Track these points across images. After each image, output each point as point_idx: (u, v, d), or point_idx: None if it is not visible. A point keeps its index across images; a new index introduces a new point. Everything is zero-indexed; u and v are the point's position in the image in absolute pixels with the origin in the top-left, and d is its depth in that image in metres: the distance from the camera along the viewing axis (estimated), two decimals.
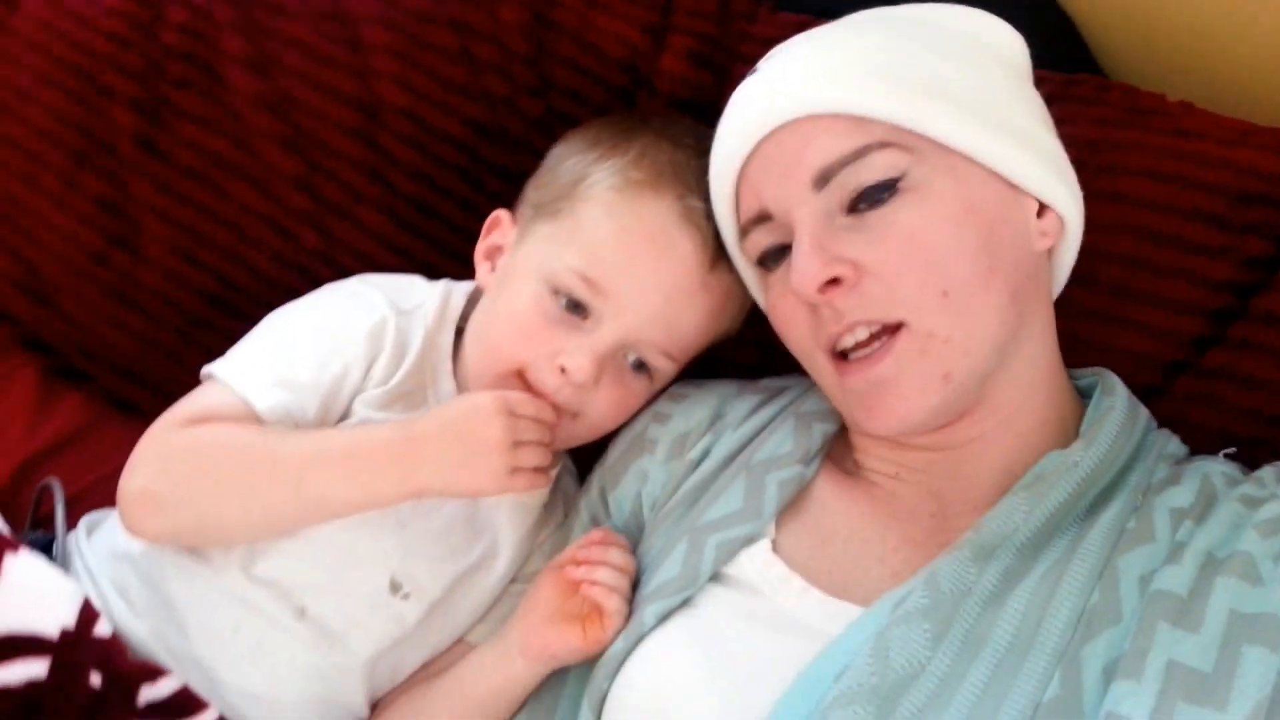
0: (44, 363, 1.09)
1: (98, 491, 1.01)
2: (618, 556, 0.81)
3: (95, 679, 0.76)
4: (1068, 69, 0.97)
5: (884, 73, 0.74)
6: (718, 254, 0.85)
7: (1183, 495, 0.71)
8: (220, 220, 1.03)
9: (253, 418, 0.83)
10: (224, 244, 1.03)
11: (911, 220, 0.72)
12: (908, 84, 0.73)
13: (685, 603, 0.77)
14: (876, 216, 0.72)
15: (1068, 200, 0.77)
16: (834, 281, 0.72)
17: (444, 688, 0.86)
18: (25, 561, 0.77)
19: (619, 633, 0.77)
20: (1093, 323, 0.88)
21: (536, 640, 0.80)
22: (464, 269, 0.96)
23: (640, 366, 0.87)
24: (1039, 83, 0.90)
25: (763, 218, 0.77)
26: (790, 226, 0.75)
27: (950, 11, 0.81)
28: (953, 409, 0.74)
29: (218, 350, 1.01)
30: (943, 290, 0.71)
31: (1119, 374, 0.81)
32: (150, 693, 0.78)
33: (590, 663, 0.78)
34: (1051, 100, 0.92)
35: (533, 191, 0.92)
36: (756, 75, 0.80)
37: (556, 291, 0.84)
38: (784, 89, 0.76)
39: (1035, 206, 0.76)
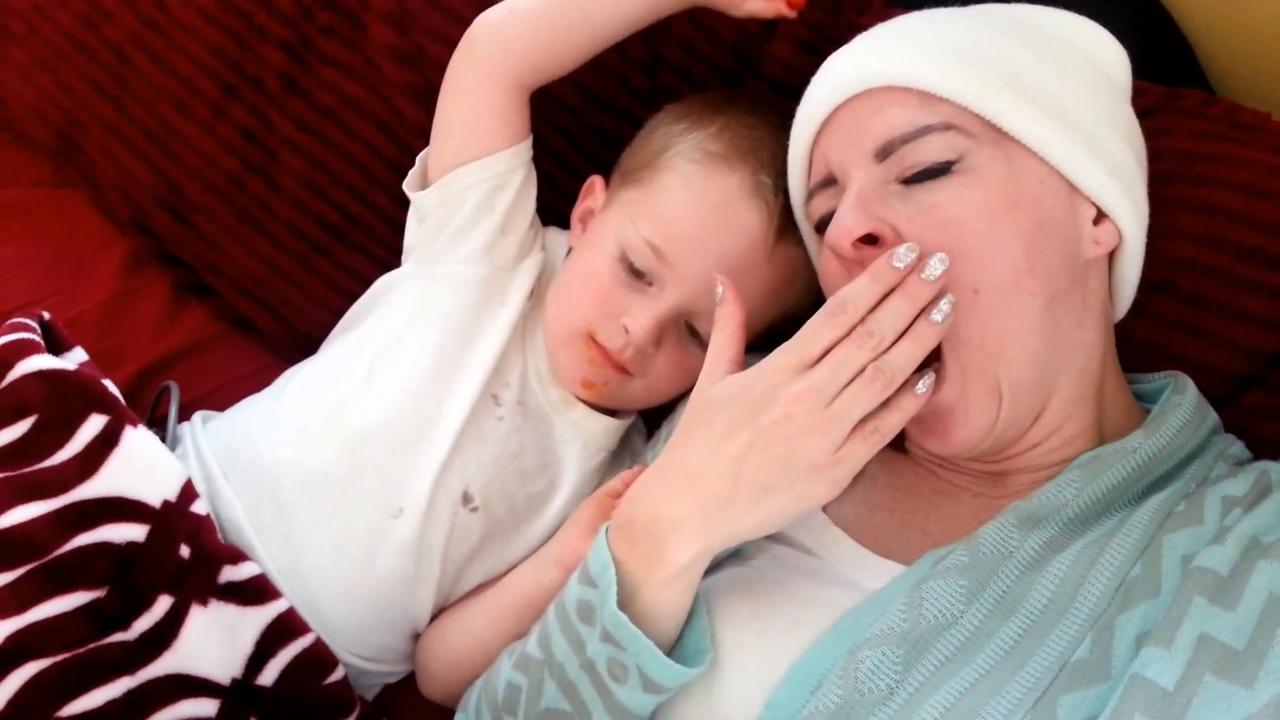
0: (175, 277, 1.17)
1: (211, 400, 1.09)
2: None
3: (185, 551, 0.83)
4: (1178, 84, 0.97)
5: (960, 55, 0.74)
6: (785, 229, 0.88)
7: (1237, 486, 0.71)
8: (350, 159, 1.09)
9: None
10: (351, 181, 1.09)
11: (952, 203, 0.71)
12: (982, 68, 0.74)
13: (736, 554, 0.80)
14: (922, 191, 0.73)
15: (1128, 212, 0.76)
16: (871, 241, 0.73)
17: (486, 597, 0.92)
18: (142, 435, 0.86)
19: None
20: (1169, 331, 0.87)
21: (572, 551, 0.85)
22: (560, 225, 1.02)
23: (701, 336, 0.90)
24: (1142, 93, 0.90)
25: (829, 182, 0.79)
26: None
27: (1057, 16, 0.82)
28: (1014, 422, 0.73)
29: (334, 278, 1.09)
30: (973, 287, 0.70)
31: None
32: (230, 573, 0.85)
33: None
34: (1154, 112, 0.93)
35: (625, 159, 0.96)
36: (846, 46, 0.82)
37: (627, 256, 0.88)
38: (864, 59, 0.78)
39: (1092, 213, 0.75)
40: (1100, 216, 0.76)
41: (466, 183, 0.93)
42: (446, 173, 0.94)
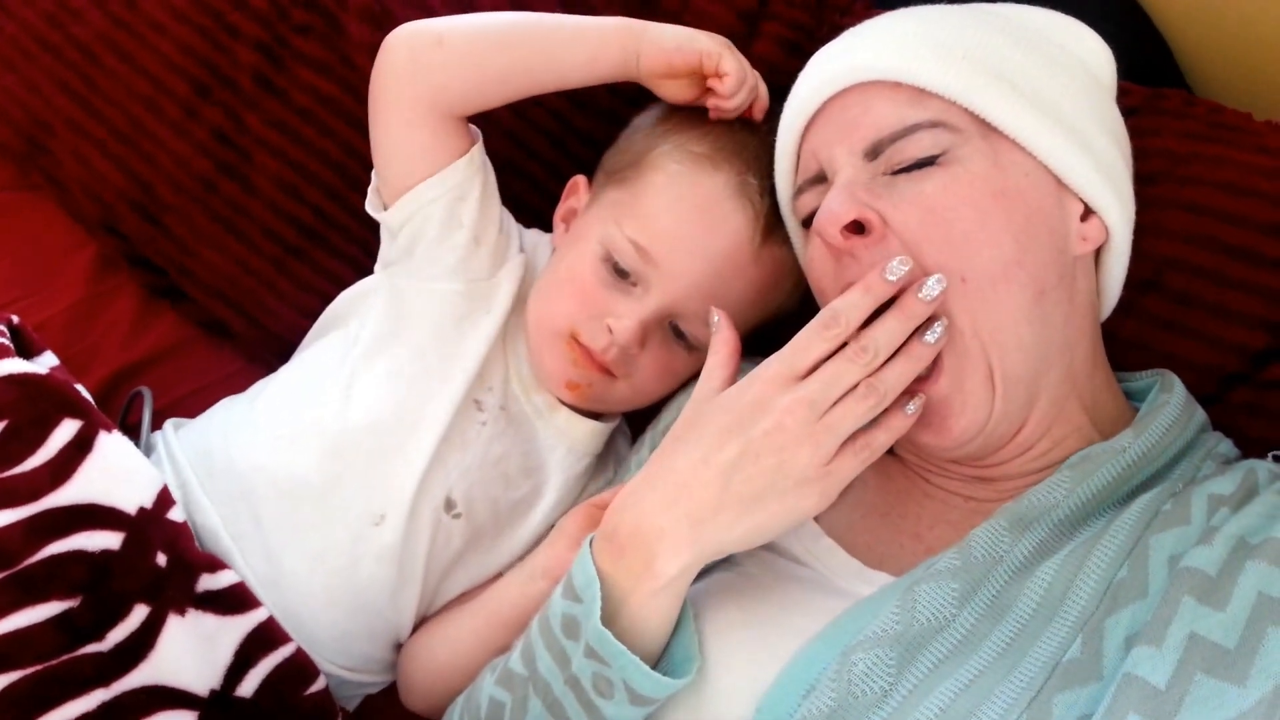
0: (146, 280, 1.14)
1: (183, 405, 1.07)
2: None
3: (161, 559, 0.81)
4: (1157, 85, 0.98)
5: (949, 49, 0.74)
6: (770, 230, 0.87)
7: (1224, 485, 0.71)
8: (325, 159, 1.07)
9: None
10: (326, 182, 1.07)
11: (936, 191, 0.71)
12: (970, 62, 0.74)
13: (726, 560, 0.79)
14: (908, 180, 0.73)
15: (1115, 209, 0.76)
16: (859, 229, 0.72)
17: (471, 608, 0.90)
18: (117, 442, 0.83)
19: None
20: (1158, 329, 0.88)
21: (560, 562, 0.83)
22: (543, 227, 1.01)
23: (686, 337, 0.89)
24: (1125, 94, 0.91)
25: (819, 179, 0.79)
26: None
27: (1044, 15, 0.83)
28: (1006, 417, 0.73)
29: (308, 281, 1.07)
30: (961, 276, 0.70)
31: None
32: (209, 582, 0.83)
33: None
34: (1137, 112, 0.94)
35: (608, 159, 0.95)
36: (833, 41, 0.82)
37: (611, 257, 0.88)
38: (852, 53, 0.78)
39: (1080, 209, 0.75)
40: (1087, 213, 0.76)
41: (427, 198, 0.91)
42: (400, 195, 0.91)
